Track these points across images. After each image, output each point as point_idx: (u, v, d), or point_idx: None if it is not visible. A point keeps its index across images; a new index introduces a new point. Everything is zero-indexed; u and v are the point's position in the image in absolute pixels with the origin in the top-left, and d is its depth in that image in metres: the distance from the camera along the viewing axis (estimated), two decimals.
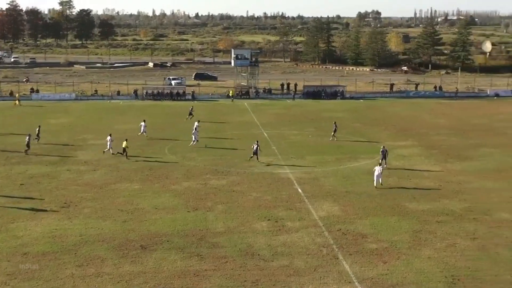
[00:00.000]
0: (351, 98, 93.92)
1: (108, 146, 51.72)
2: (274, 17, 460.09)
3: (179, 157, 50.53)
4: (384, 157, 46.95)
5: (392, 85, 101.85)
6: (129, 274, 27.27)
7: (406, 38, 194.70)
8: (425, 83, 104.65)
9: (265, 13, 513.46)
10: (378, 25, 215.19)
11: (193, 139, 55.07)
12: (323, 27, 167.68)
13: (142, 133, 59.05)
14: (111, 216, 35.19)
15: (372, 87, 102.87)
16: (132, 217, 35.03)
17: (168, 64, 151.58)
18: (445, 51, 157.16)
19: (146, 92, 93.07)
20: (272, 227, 33.45)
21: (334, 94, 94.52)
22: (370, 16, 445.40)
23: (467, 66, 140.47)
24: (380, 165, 43.27)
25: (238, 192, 40.26)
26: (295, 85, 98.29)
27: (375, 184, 41.47)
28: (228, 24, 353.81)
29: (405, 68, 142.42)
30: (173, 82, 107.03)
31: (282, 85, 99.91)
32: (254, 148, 48.90)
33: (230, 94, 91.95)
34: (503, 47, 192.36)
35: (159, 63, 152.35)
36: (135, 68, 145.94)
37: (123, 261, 28.66)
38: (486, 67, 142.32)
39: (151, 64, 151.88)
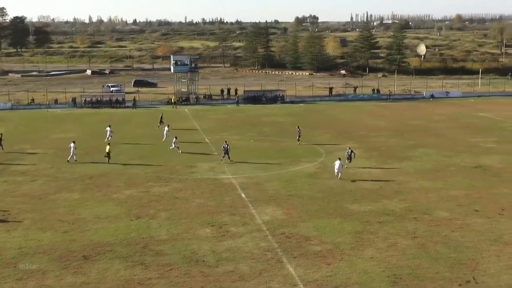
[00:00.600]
0: (292, 102, 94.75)
1: (71, 153, 51.27)
2: (212, 23, 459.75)
3: (120, 165, 49.91)
4: (349, 157, 48.27)
5: (331, 89, 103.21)
6: (72, 285, 26.73)
7: (344, 42, 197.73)
8: (363, 86, 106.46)
9: (203, 19, 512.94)
10: (316, 29, 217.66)
11: (173, 146, 55.01)
12: (262, 32, 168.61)
13: (108, 137, 59.57)
14: (51, 227, 34.44)
15: (312, 91, 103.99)
16: (73, 227, 34.36)
17: (107, 72, 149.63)
18: (382, 54, 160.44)
19: (85, 100, 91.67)
20: (216, 233, 33.37)
21: (274, 98, 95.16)
22: (308, 20, 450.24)
23: (403, 68, 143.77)
24: (340, 159, 45.76)
25: (181, 199, 40.02)
26: (236, 90, 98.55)
27: (336, 175, 44.42)
28: (167, 30, 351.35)
29: (343, 71, 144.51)
30: (112, 89, 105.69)
31: (222, 90, 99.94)
32: (225, 147, 50.31)
33: (173, 101, 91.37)
34: (436, 49, 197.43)
35: (97, 71, 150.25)
36: (73, 76, 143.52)
37: (65, 272, 28.07)
38: (421, 69, 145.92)
39: (89, 72, 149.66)
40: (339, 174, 44.59)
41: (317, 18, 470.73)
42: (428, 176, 45.86)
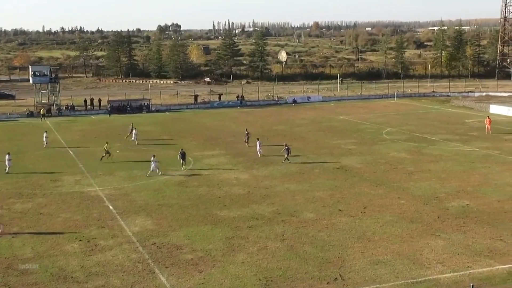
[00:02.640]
0: (157, 111, 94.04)
1: (7, 165, 50.30)
2: (72, 32, 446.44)
3: None
4: (288, 152, 52.19)
5: (196, 97, 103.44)
6: None
7: (207, 50, 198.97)
8: (228, 93, 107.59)
9: (62, 28, 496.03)
10: (179, 37, 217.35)
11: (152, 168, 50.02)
12: (124, 41, 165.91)
13: (45, 143, 61.97)
14: None
15: (177, 99, 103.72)
16: None
17: None
18: (245, 62, 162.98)
19: None
20: (85, 247, 32.38)
21: (139, 107, 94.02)
22: (171, 29, 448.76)
23: (266, 75, 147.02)
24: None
25: (45, 215, 38.47)
26: (99, 100, 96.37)
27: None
28: (23, 39, 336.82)
29: (207, 79, 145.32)
30: None
31: (86, 101, 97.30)
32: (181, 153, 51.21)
33: (41, 113, 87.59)
34: (297, 56, 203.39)
35: None
36: None
37: None
38: (283, 75, 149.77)
39: None
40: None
41: (180, 26, 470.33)
42: (294, 179, 47.09)
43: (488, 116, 71.44)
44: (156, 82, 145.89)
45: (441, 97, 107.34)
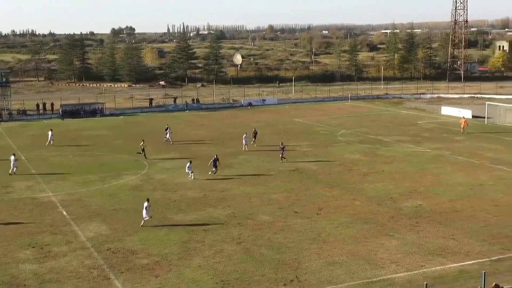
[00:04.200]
0: (111, 114, 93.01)
1: (12, 166, 50.59)
2: (23, 35, 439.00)
3: None
4: (283, 150, 54.46)
5: (151, 100, 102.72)
6: None
7: (162, 53, 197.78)
8: (183, 96, 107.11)
9: (13, 31, 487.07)
10: (133, 40, 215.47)
11: None
12: (77, 44, 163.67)
13: (49, 141, 64.20)
14: None
15: (132, 103, 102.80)
16: None
17: None
18: (200, 65, 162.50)
19: None
20: (38, 254, 31.81)
21: (93, 111, 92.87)
22: (124, 32, 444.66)
23: (221, 78, 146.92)
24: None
25: None
26: (52, 104, 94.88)
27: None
28: None
29: (162, 82, 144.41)
30: None
31: (38, 105, 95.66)
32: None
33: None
34: (251, 59, 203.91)
35: None
36: None
37: None
38: (238, 78, 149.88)
39: None
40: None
41: (134, 30, 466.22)
42: (250, 182, 47.16)
43: (464, 117, 73.34)
44: (110, 85, 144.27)
45: (394, 99, 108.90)
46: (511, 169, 50.62)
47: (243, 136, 60.87)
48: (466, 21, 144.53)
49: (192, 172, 48.53)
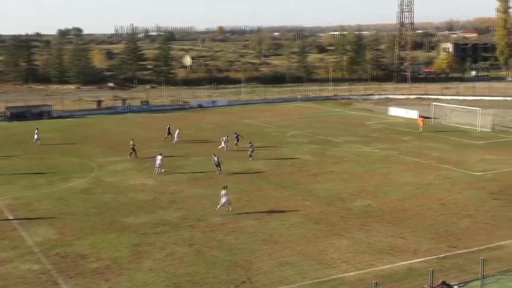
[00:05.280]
0: (59, 117, 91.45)
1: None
2: None
3: None
4: (251, 149, 55.92)
5: (100, 102, 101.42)
6: None
7: (110, 55, 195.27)
8: (132, 98, 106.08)
9: None
10: (81, 42, 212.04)
11: None
12: (23, 45, 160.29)
13: (36, 140, 65.45)
14: None
15: (80, 105, 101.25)
16: None
17: None
18: (149, 66, 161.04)
19: None
20: None
21: (40, 114, 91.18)
22: (72, 33, 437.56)
23: (171, 79, 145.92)
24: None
25: None
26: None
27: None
28: None
29: (111, 84, 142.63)
30: None
31: None
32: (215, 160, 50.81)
33: None
34: (201, 60, 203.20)
35: None
36: None
37: None
38: (188, 80, 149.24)
39: None
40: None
41: (81, 30, 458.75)
42: (201, 184, 47.02)
43: (421, 115, 74.67)
44: (58, 87, 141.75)
45: (343, 100, 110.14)
46: (457, 168, 51.76)
47: (222, 139, 61.45)
48: (412, 23, 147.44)
49: (159, 168, 50.41)
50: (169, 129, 69.10)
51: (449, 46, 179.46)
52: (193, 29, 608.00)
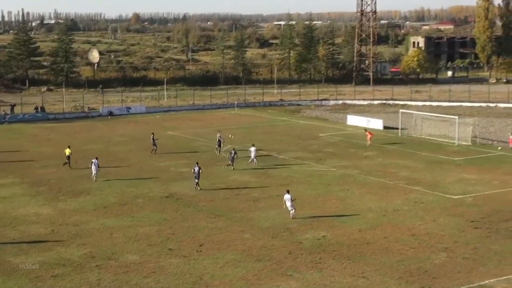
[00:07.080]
0: None
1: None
2: None
3: None
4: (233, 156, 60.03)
5: None
6: None
7: None
8: (24, 104, 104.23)
9: None
10: None
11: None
12: None
13: None
14: None
15: None
16: None
17: None
18: (45, 63, 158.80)
19: None
20: None
21: None
22: None
23: (74, 80, 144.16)
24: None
25: None
26: None
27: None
28: None
29: None
30: None
31: None
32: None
33: None
34: (112, 56, 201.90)
35: None
36: None
37: None
38: (95, 80, 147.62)
39: None
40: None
41: None
42: (111, 213, 46.56)
43: (366, 130, 75.42)
44: None
45: (290, 107, 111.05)
46: (430, 190, 52.73)
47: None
48: (375, 11, 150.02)
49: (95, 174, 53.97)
50: (153, 138, 69.98)
51: (420, 41, 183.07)
52: (101, 16, 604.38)
